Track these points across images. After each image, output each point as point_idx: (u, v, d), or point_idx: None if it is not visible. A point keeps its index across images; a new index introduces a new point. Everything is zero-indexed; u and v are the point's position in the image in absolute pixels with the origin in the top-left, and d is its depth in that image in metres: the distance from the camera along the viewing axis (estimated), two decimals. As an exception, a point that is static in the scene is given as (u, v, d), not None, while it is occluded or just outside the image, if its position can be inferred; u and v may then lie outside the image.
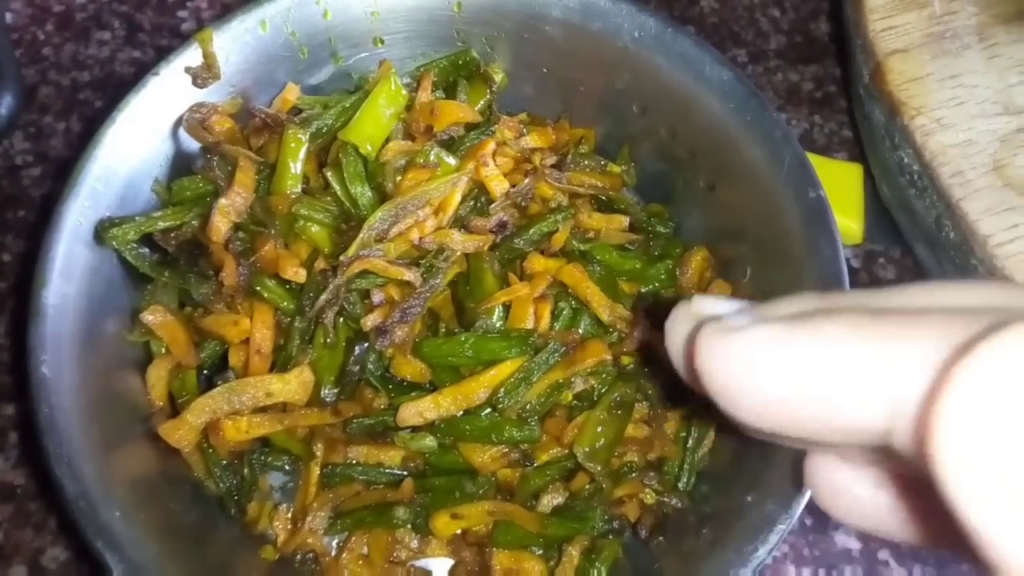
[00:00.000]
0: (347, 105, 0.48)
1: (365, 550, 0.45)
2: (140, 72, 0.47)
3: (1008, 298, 0.17)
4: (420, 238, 0.45)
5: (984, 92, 0.49)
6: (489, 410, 0.44)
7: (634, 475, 0.45)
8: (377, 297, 0.45)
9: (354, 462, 0.45)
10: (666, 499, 0.45)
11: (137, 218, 0.45)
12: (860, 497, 0.20)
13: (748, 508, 0.39)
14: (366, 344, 0.44)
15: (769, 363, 0.16)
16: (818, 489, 0.21)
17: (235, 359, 0.45)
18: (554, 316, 0.46)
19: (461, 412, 0.43)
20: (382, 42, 0.52)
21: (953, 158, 0.47)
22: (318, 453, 0.44)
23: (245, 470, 0.45)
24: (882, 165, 0.55)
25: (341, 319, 0.45)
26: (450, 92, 0.51)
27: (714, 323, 0.18)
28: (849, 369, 0.15)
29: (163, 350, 0.45)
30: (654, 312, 0.46)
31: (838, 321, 0.16)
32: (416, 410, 0.43)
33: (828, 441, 0.17)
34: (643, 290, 0.49)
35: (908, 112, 0.49)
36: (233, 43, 0.48)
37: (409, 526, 0.44)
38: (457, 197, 0.46)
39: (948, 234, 0.48)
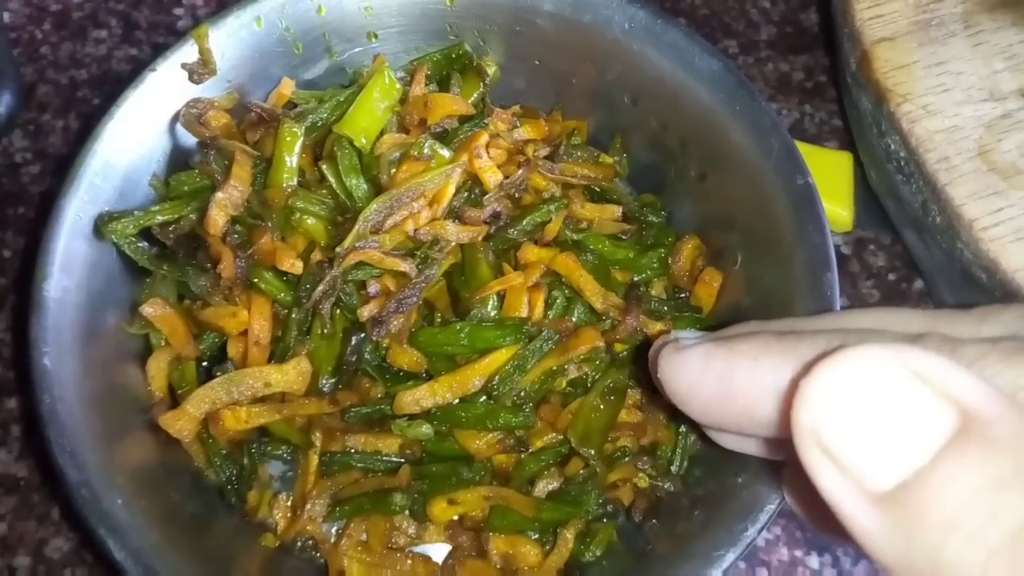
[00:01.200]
0: (342, 99, 0.49)
1: (364, 536, 0.45)
2: (137, 69, 0.47)
3: (882, 321, 0.24)
4: (415, 229, 0.46)
5: (969, 79, 0.50)
6: (484, 397, 0.44)
7: (628, 459, 0.46)
8: (373, 288, 0.45)
9: (352, 450, 0.46)
10: (659, 483, 0.45)
11: (136, 212, 0.45)
12: (806, 497, 0.30)
13: (739, 489, 0.40)
14: (363, 334, 0.45)
15: (700, 372, 0.24)
16: (786, 493, 0.31)
17: (234, 350, 0.46)
18: (548, 305, 0.46)
19: (457, 400, 0.44)
20: (376, 37, 0.52)
21: (939, 144, 0.48)
22: (316, 442, 0.45)
23: (245, 459, 0.45)
24: (870, 152, 0.55)
25: (338, 310, 0.46)
26: (443, 85, 0.52)
27: (671, 342, 0.26)
28: (751, 376, 0.22)
29: (163, 342, 0.46)
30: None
31: (756, 339, 0.23)
32: (413, 398, 0.44)
33: (754, 431, 0.24)
34: (636, 278, 0.49)
35: (895, 99, 0.50)
36: (228, 39, 0.49)
37: (407, 512, 0.45)
38: (451, 189, 0.47)
39: (935, 219, 0.49)
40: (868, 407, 0.18)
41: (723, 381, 0.23)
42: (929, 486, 0.17)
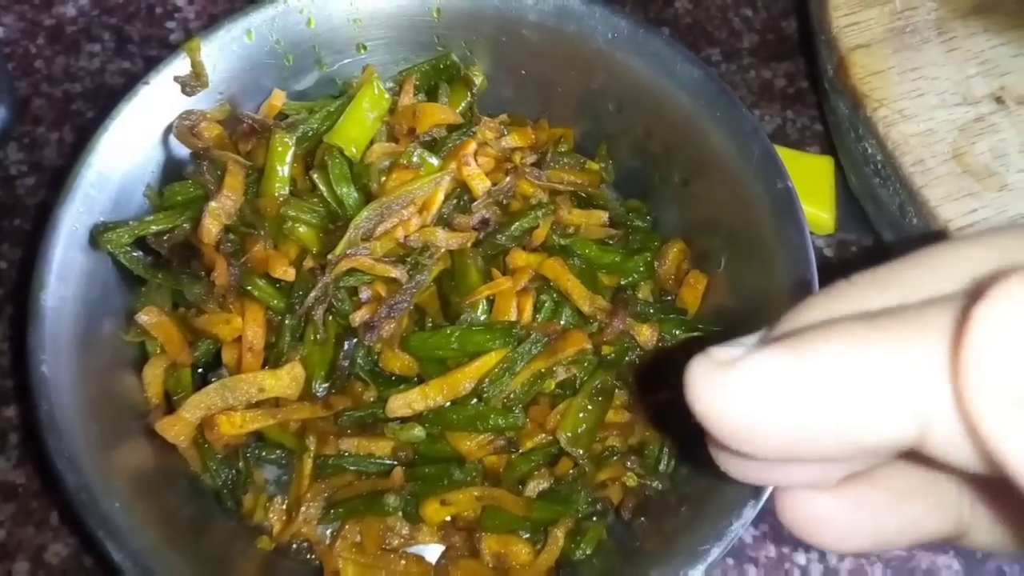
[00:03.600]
0: (332, 109, 0.50)
1: (358, 538, 0.46)
2: (130, 82, 0.48)
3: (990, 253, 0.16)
4: (405, 236, 0.47)
5: (943, 84, 0.51)
6: (475, 400, 0.45)
7: (616, 459, 0.47)
8: (365, 294, 0.46)
9: (345, 453, 0.47)
10: (647, 481, 0.46)
11: (131, 222, 0.46)
12: (838, 520, 0.20)
13: (724, 486, 0.41)
14: (355, 339, 0.46)
15: (776, 394, 0.15)
16: (795, 521, 0.20)
17: (228, 357, 0.47)
18: (536, 308, 0.47)
19: (448, 402, 0.45)
20: (365, 48, 0.54)
21: (914, 147, 0.49)
22: (310, 446, 0.46)
23: (240, 464, 0.46)
24: (849, 156, 0.57)
25: (330, 316, 0.46)
26: (432, 95, 0.53)
27: (702, 359, 0.16)
28: (864, 385, 0.14)
29: (158, 349, 0.47)
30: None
31: (838, 336, 0.15)
32: (405, 402, 0.45)
33: (852, 458, 0.16)
34: (622, 282, 0.51)
35: (871, 104, 0.51)
36: (220, 52, 0.50)
37: (400, 513, 0.45)
38: (440, 196, 0.48)
39: (911, 220, 0.50)
40: None
41: (817, 405, 0.15)
42: None
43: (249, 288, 0.46)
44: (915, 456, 0.15)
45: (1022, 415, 0.12)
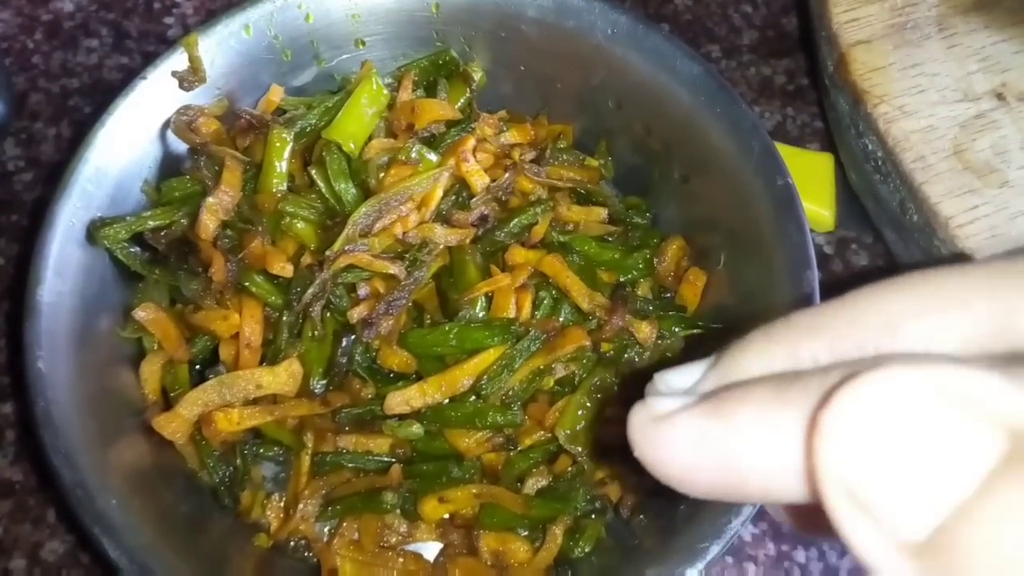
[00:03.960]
0: (330, 105, 0.50)
1: (356, 535, 0.46)
2: (128, 78, 0.48)
3: (924, 306, 0.18)
4: (404, 232, 0.47)
5: (944, 80, 0.51)
6: (473, 397, 0.45)
7: (615, 456, 0.47)
8: (363, 290, 0.46)
9: (343, 450, 0.47)
10: (646, 479, 0.46)
11: (128, 218, 0.46)
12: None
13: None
14: (353, 336, 0.46)
15: (696, 451, 0.18)
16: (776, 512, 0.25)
17: (226, 353, 0.46)
18: (535, 305, 0.47)
19: (446, 399, 0.45)
20: (363, 44, 0.53)
21: (915, 144, 0.49)
22: (308, 443, 0.46)
23: (237, 461, 0.46)
24: (849, 153, 0.56)
25: (328, 312, 0.46)
26: (430, 91, 0.53)
27: (640, 410, 0.19)
28: (763, 454, 0.17)
29: (155, 345, 0.47)
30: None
31: (750, 402, 0.18)
32: (403, 399, 0.45)
33: (771, 503, 0.20)
34: (621, 279, 0.50)
35: (871, 100, 0.51)
36: (218, 47, 0.49)
37: (398, 511, 0.45)
38: (439, 192, 0.48)
39: (912, 217, 0.50)
40: (898, 440, 0.15)
41: (727, 466, 0.17)
42: (974, 523, 0.14)
43: (247, 284, 0.46)
44: None
45: (855, 509, 0.15)
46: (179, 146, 0.49)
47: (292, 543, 0.46)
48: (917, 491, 0.15)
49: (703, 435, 0.18)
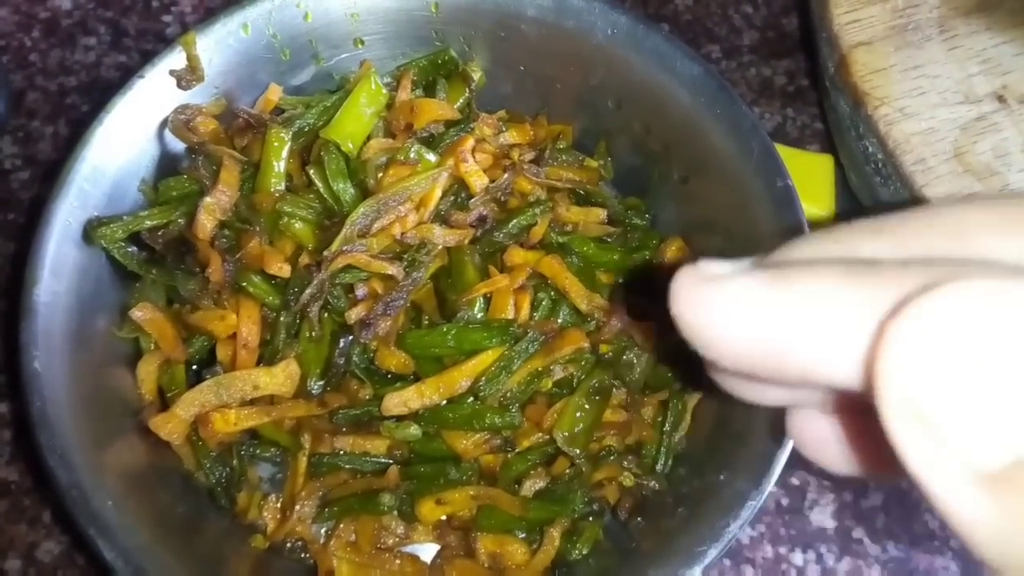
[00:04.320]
0: (328, 104, 0.50)
1: (353, 537, 0.46)
2: (126, 76, 0.48)
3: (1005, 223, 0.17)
4: (402, 233, 0.46)
5: (945, 82, 0.51)
6: (471, 398, 0.45)
7: (613, 459, 0.46)
8: (361, 291, 0.46)
9: (341, 452, 0.46)
10: (644, 481, 0.46)
11: (125, 217, 0.46)
12: (835, 441, 0.22)
13: (721, 486, 0.41)
14: (351, 337, 0.46)
15: (748, 313, 0.17)
16: (800, 440, 0.22)
17: (223, 354, 0.46)
18: (534, 306, 0.47)
19: (444, 401, 0.45)
20: (362, 43, 0.53)
21: (916, 146, 0.49)
22: (305, 444, 0.45)
23: (234, 461, 0.46)
24: (849, 155, 0.56)
25: (326, 313, 0.46)
26: (429, 91, 0.53)
27: (690, 270, 0.18)
28: (820, 324, 0.16)
29: (152, 346, 0.46)
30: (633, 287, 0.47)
31: (814, 276, 0.16)
32: (400, 400, 0.44)
33: (806, 388, 0.18)
34: (620, 281, 0.50)
35: (872, 102, 0.51)
36: (216, 46, 0.49)
37: (395, 513, 0.45)
38: (438, 192, 0.47)
39: (912, 220, 0.50)
40: (976, 362, 0.14)
41: (777, 331, 0.16)
42: None
43: (244, 284, 0.45)
44: None
45: (920, 428, 0.14)
46: (177, 145, 0.49)
47: (289, 544, 0.46)
48: (996, 417, 0.14)
49: (760, 299, 0.17)
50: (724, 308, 0.17)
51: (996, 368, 0.14)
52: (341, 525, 0.46)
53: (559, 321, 0.47)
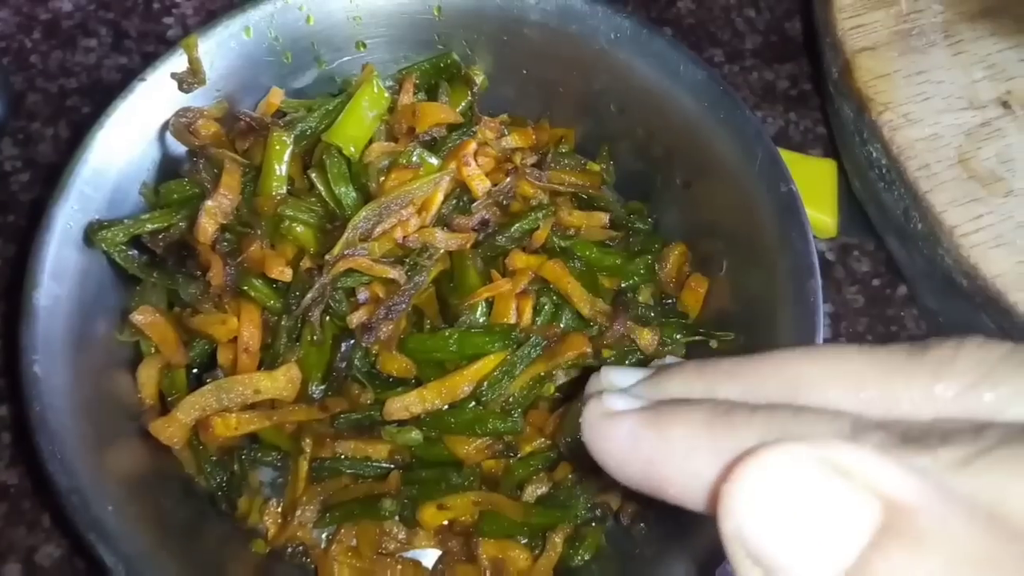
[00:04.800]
0: (330, 108, 0.49)
1: (354, 542, 0.45)
2: (127, 78, 0.48)
3: (832, 374, 0.21)
4: (404, 237, 0.46)
5: (949, 88, 0.51)
6: (473, 403, 0.44)
7: (615, 464, 0.46)
8: (362, 295, 0.46)
9: (342, 456, 0.46)
10: (646, 487, 0.46)
11: (126, 221, 0.46)
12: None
13: (724, 493, 0.41)
14: (352, 341, 0.45)
15: (628, 451, 0.21)
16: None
17: (224, 357, 0.46)
18: (536, 311, 0.47)
19: (446, 406, 0.44)
20: (364, 46, 0.53)
21: (920, 152, 0.49)
22: (306, 448, 0.45)
23: (235, 466, 0.46)
24: (853, 160, 0.56)
25: (327, 317, 0.46)
26: (432, 94, 0.52)
27: (594, 404, 0.22)
28: (681, 469, 0.20)
29: (153, 349, 0.46)
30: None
31: (681, 423, 0.20)
32: (402, 404, 0.44)
33: (689, 507, 0.21)
34: (623, 285, 0.50)
35: (876, 108, 0.51)
36: (218, 49, 0.49)
37: (396, 518, 0.45)
38: (440, 196, 0.47)
39: (916, 225, 0.50)
40: (791, 510, 0.17)
41: (652, 469, 0.20)
42: None
43: (245, 288, 0.45)
44: None
45: (749, 561, 0.18)
46: (178, 148, 0.49)
47: (290, 549, 0.46)
48: (807, 557, 0.17)
49: (639, 439, 0.21)
50: (615, 441, 0.21)
51: (805, 513, 0.17)
52: (342, 530, 0.45)
53: (561, 326, 0.47)
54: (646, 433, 0.21)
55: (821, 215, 0.57)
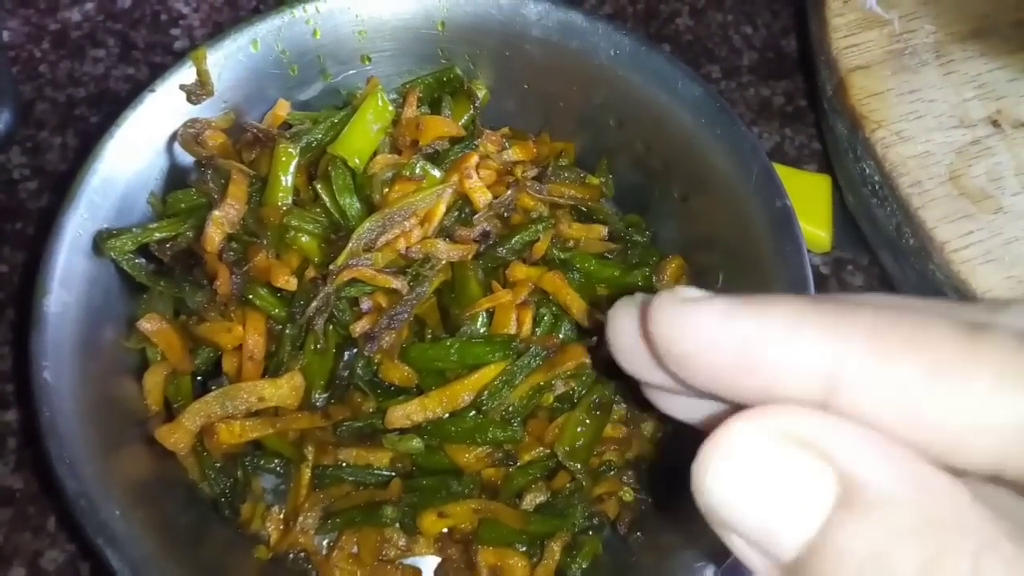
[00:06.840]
0: (336, 120, 0.50)
1: (355, 549, 0.46)
2: (134, 89, 0.49)
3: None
4: (407, 248, 0.47)
5: (941, 106, 0.52)
6: (474, 412, 0.45)
7: (613, 473, 0.47)
8: (366, 304, 0.47)
9: (344, 464, 0.47)
10: (644, 496, 0.47)
11: (134, 229, 0.46)
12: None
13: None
14: (355, 350, 0.46)
15: (715, 334, 0.19)
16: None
17: (228, 365, 0.47)
18: (536, 322, 0.47)
19: (447, 414, 0.45)
20: (369, 60, 0.54)
21: (912, 169, 0.50)
22: (309, 455, 0.46)
23: (238, 472, 0.46)
24: (847, 176, 0.57)
25: (331, 326, 0.47)
26: (435, 107, 0.53)
27: (668, 294, 0.20)
28: (786, 349, 0.18)
29: (159, 357, 0.47)
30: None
31: (786, 307, 0.18)
32: (403, 413, 0.45)
33: (763, 399, 0.19)
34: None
35: (869, 125, 0.52)
36: (226, 61, 0.50)
37: (397, 525, 0.46)
38: (442, 208, 0.48)
39: (908, 241, 0.51)
40: (754, 481, 0.17)
41: (747, 350, 0.18)
42: (822, 560, 0.17)
43: (251, 297, 0.46)
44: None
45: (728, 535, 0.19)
46: (186, 159, 0.50)
47: (292, 555, 0.46)
48: (769, 529, 0.17)
49: (733, 319, 0.18)
50: (698, 324, 0.19)
51: (771, 484, 0.17)
52: (343, 537, 0.46)
53: (561, 336, 0.47)
54: (742, 312, 0.18)
55: (815, 229, 0.58)
